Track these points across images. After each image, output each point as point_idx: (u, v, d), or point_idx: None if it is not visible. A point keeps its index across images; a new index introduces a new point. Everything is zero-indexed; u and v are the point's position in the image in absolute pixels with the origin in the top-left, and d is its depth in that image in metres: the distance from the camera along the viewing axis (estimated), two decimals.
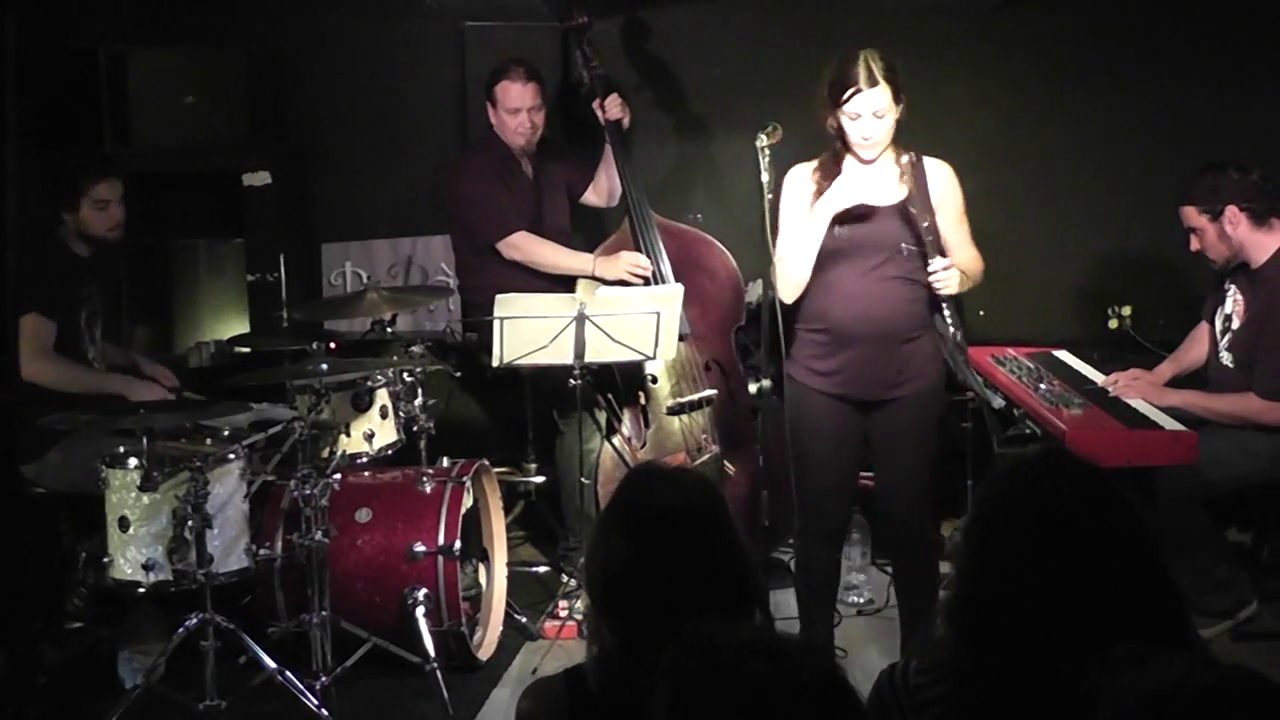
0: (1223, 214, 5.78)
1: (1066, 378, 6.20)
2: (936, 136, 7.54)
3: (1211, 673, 2.01)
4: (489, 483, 6.16)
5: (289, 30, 7.79)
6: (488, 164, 6.72)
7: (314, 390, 5.43)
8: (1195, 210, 5.87)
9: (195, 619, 5.10)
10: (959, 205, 5.31)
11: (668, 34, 7.70)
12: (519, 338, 5.82)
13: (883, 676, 2.76)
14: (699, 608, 2.60)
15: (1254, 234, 5.79)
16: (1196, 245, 5.92)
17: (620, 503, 2.94)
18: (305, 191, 7.89)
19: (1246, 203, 5.76)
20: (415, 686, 5.52)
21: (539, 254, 6.63)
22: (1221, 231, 5.81)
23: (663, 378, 6.53)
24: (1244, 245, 5.81)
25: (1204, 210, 5.84)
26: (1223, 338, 5.97)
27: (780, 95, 7.20)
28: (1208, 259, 5.94)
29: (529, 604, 6.37)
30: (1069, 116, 7.62)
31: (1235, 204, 5.76)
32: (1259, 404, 5.71)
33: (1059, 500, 2.59)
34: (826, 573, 5.47)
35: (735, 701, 2.07)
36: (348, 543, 5.61)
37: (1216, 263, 5.94)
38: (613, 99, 6.72)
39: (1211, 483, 5.64)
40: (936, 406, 5.41)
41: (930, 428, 5.36)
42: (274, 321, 6.92)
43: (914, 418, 5.26)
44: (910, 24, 7.53)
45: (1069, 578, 2.52)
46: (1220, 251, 5.87)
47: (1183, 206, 5.91)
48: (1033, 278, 7.69)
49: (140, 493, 4.98)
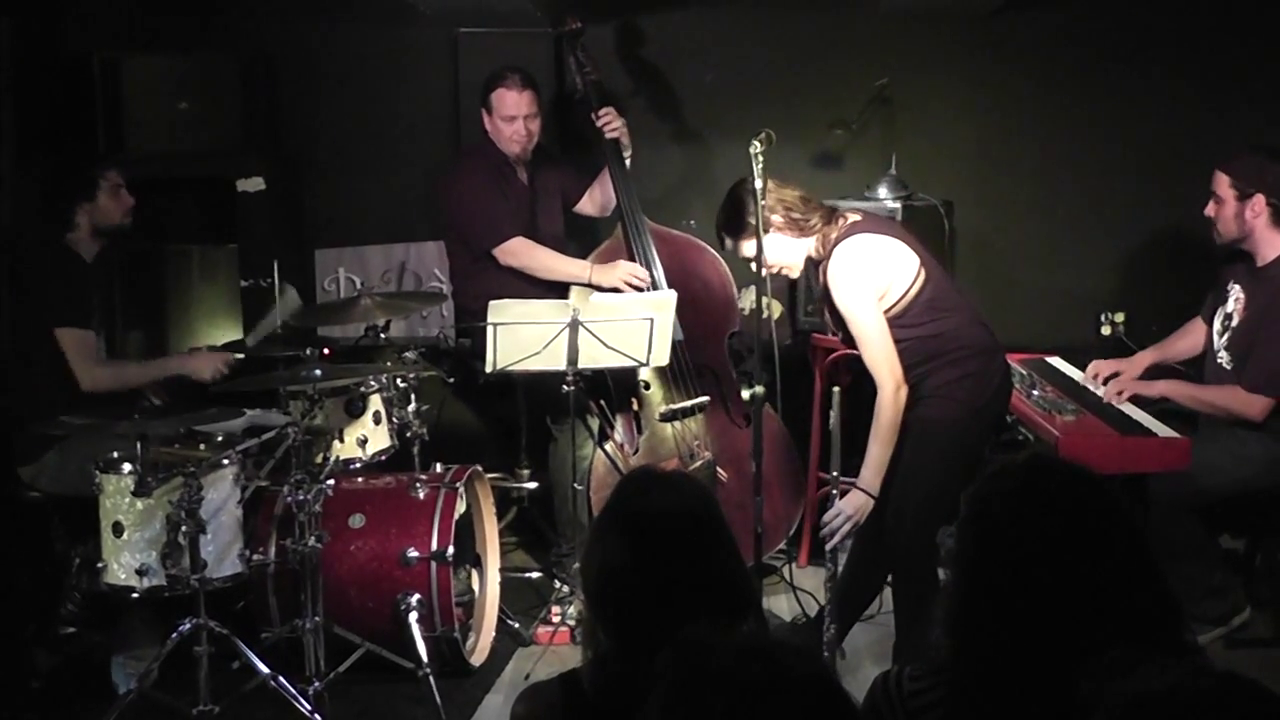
0: (1251, 198, 5.77)
1: (1059, 384, 6.20)
2: (929, 143, 7.60)
3: (1205, 679, 2.01)
4: (482, 488, 6.16)
5: (283, 37, 7.80)
6: (483, 171, 6.73)
7: (307, 396, 5.44)
8: (1229, 181, 5.83)
9: (189, 624, 5.09)
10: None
11: (661, 40, 7.71)
12: (512, 344, 5.82)
13: (877, 682, 2.76)
14: (694, 612, 2.61)
15: (1270, 230, 5.79)
16: (1212, 211, 5.89)
17: (618, 505, 2.94)
18: (299, 197, 7.90)
19: (1277, 199, 5.76)
20: (408, 692, 5.52)
21: (535, 260, 6.64)
22: (1241, 212, 5.80)
23: (655, 384, 6.53)
24: (1255, 236, 5.80)
25: (1236, 185, 5.81)
26: (1221, 337, 5.96)
27: (774, 102, 7.24)
28: (1214, 230, 5.92)
29: (522, 609, 6.37)
30: (1062, 123, 7.64)
31: (1266, 195, 5.75)
32: (1244, 395, 5.71)
33: (1050, 503, 2.59)
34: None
35: (729, 705, 2.08)
36: (341, 548, 5.61)
37: (1222, 236, 5.91)
38: (608, 115, 6.73)
39: (1204, 489, 5.64)
40: (939, 436, 5.28)
41: (927, 455, 5.26)
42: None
43: (913, 444, 5.24)
44: (903, 30, 7.55)
45: (1061, 581, 2.52)
46: (1230, 229, 5.86)
47: (1218, 171, 5.88)
48: (1026, 284, 7.71)
49: (134, 498, 4.97)
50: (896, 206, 6.90)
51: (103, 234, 6.11)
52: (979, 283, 7.59)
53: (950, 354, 5.26)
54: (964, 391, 5.24)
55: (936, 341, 5.26)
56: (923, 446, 5.24)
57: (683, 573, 2.78)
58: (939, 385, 5.25)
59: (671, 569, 2.78)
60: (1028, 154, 7.68)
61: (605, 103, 6.79)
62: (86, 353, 5.86)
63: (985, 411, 5.33)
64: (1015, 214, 7.72)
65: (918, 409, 5.24)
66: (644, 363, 5.95)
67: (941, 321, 5.28)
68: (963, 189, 7.49)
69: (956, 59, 7.66)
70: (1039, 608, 2.53)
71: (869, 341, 5.19)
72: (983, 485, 2.74)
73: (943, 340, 5.26)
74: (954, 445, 5.25)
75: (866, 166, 7.43)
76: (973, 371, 5.27)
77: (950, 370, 5.25)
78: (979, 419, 5.32)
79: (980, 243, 7.63)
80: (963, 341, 5.29)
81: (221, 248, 7.64)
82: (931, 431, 5.24)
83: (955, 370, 5.25)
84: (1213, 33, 7.49)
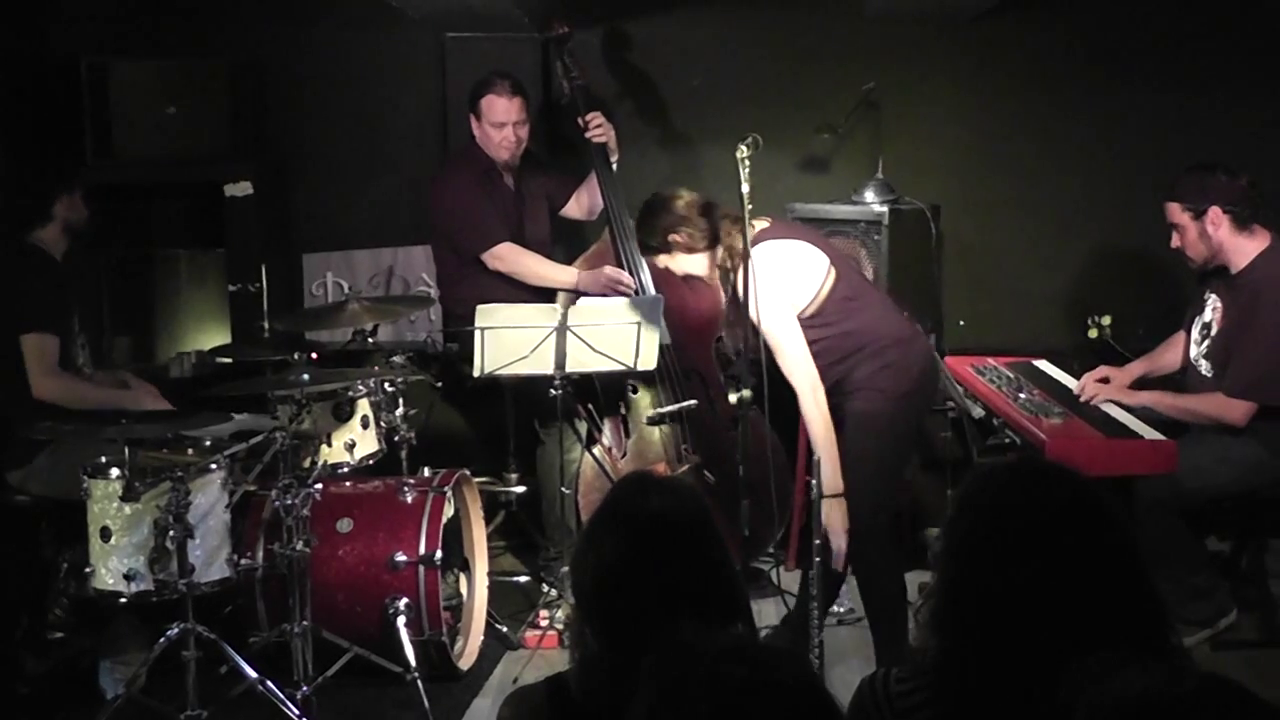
0: (1206, 214, 5.79)
1: (1046, 387, 6.22)
2: (916, 147, 7.61)
3: (1189, 681, 2.01)
4: (470, 492, 6.16)
5: (270, 41, 7.80)
6: (470, 176, 6.73)
7: (295, 400, 5.43)
8: (1179, 207, 5.87)
9: (176, 629, 5.09)
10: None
11: (648, 44, 7.72)
12: (500, 348, 5.83)
13: (863, 684, 2.76)
14: (685, 615, 2.61)
15: (1235, 238, 5.81)
16: (1177, 242, 5.93)
17: (613, 507, 2.94)
18: (286, 202, 7.90)
19: (1230, 205, 5.77)
20: (396, 696, 5.52)
21: (523, 265, 6.65)
22: (1203, 231, 5.82)
23: (643, 388, 6.54)
24: (1223, 247, 5.82)
25: (1188, 208, 5.84)
26: (1200, 345, 5.98)
27: (760, 106, 7.25)
28: (1186, 257, 5.96)
29: (510, 613, 6.37)
30: (1048, 126, 7.65)
31: (1219, 205, 5.77)
32: (1225, 401, 5.73)
33: (1037, 505, 2.60)
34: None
35: (714, 707, 2.08)
36: (329, 552, 5.60)
37: (1195, 261, 5.95)
38: (596, 120, 6.73)
39: (1190, 491, 5.65)
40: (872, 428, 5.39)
41: (864, 447, 5.37)
42: (255, 332, 6.91)
43: (850, 438, 5.37)
44: (889, 34, 7.56)
45: (1047, 583, 2.52)
46: (1199, 251, 5.88)
47: (1168, 202, 5.92)
48: (1013, 287, 7.72)
49: (122, 503, 4.97)
50: (883, 211, 6.91)
51: (73, 232, 6.10)
52: (966, 286, 7.62)
53: (869, 347, 5.40)
54: (887, 381, 5.38)
55: (855, 337, 5.41)
56: (859, 439, 5.37)
57: (677, 575, 2.78)
58: (863, 378, 5.39)
59: (666, 572, 2.78)
60: (1014, 157, 7.69)
61: (592, 108, 6.79)
62: (45, 361, 5.81)
63: (914, 396, 5.48)
64: (1002, 217, 7.73)
65: (847, 404, 5.41)
66: (631, 366, 5.96)
67: (857, 317, 5.44)
68: (949, 193, 7.50)
69: (943, 63, 7.68)
70: (1026, 609, 2.53)
71: (784, 348, 5.34)
72: (970, 487, 2.74)
73: (860, 335, 5.42)
74: (888, 432, 5.41)
75: (853, 171, 7.45)
76: (893, 361, 5.40)
77: (872, 362, 5.40)
78: (908, 405, 5.46)
79: (967, 246, 7.64)
80: (879, 333, 5.44)
81: (209, 252, 7.65)
82: (864, 425, 5.38)
83: (876, 361, 5.39)
84: (1197, 36, 7.51)
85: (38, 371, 5.79)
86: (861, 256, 6.93)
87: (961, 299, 7.62)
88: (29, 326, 5.79)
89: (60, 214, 6.02)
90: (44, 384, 5.80)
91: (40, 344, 5.81)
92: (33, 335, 5.80)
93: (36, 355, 5.80)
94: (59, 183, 6.04)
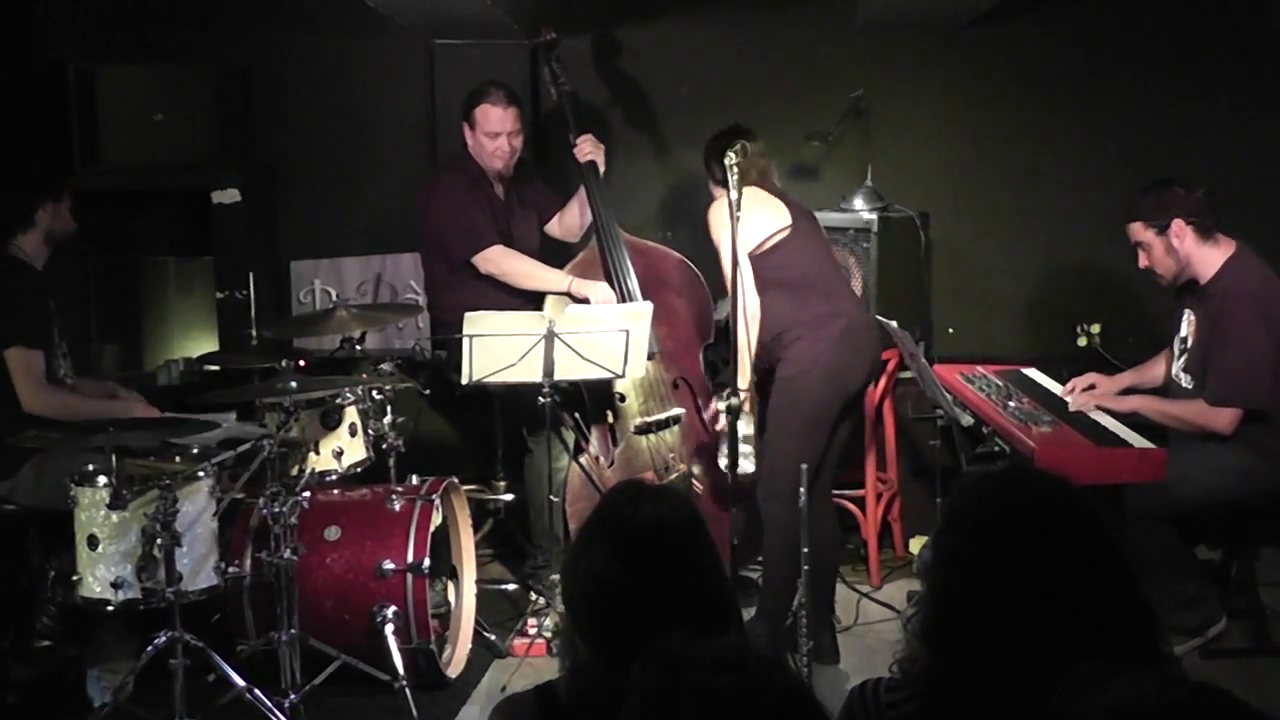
0: (1169, 228, 5.81)
1: (1036, 395, 6.21)
2: (905, 155, 7.62)
3: (1179, 690, 2.01)
4: (458, 500, 6.15)
5: (258, 48, 7.80)
6: (460, 182, 6.71)
7: (283, 408, 5.42)
8: (1142, 225, 5.89)
9: (164, 637, 5.07)
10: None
11: (637, 51, 7.73)
12: (488, 355, 5.82)
13: (853, 693, 2.76)
14: (676, 624, 2.60)
15: (1200, 248, 5.82)
16: (1145, 261, 5.95)
17: (605, 515, 2.93)
18: (274, 209, 7.90)
19: (1192, 217, 5.79)
20: (384, 704, 5.50)
21: (515, 268, 6.62)
22: (1168, 245, 5.83)
23: (631, 396, 6.53)
24: (1190, 260, 5.84)
25: (1150, 225, 5.86)
26: (1179, 359, 5.99)
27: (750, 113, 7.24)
28: (1156, 275, 5.96)
29: (498, 621, 6.36)
30: (1037, 134, 7.67)
31: (1181, 218, 5.79)
32: (1208, 410, 5.74)
33: (1027, 514, 2.59)
34: None
35: (703, 716, 2.07)
36: (316, 560, 5.59)
37: (1164, 278, 5.96)
38: (585, 140, 6.72)
39: (1180, 500, 5.65)
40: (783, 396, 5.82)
41: (784, 409, 5.81)
42: (243, 339, 6.90)
43: (774, 400, 5.86)
44: (878, 42, 7.58)
45: (1038, 592, 2.52)
46: (1167, 266, 5.89)
47: (1130, 223, 5.94)
48: (1002, 295, 7.74)
49: (109, 511, 4.95)
50: (873, 218, 6.91)
51: (56, 242, 6.08)
52: (955, 294, 7.62)
53: (806, 322, 5.79)
54: (821, 353, 5.77)
55: (793, 308, 5.80)
56: (780, 400, 5.82)
57: (669, 583, 2.78)
58: (797, 349, 5.79)
59: (658, 579, 2.78)
60: (1003, 165, 7.71)
61: (580, 114, 6.78)
62: (33, 376, 5.79)
63: (840, 373, 5.82)
64: (991, 225, 7.74)
65: (777, 370, 5.85)
66: (620, 374, 5.96)
67: (803, 291, 5.85)
68: (938, 200, 7.51)
69: (932, 71, 7.69)
70: (1016, 618, 2.52)
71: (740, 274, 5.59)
72: (959, 496, 2.74)
73: (798, 308, 5.81)
74: (805, 396, 5.78)
75: (842, 178, 7.46)
76: (827, 336, 5.79)
77: (807, 335, 5.79)
78: (831, 380, 5.80)
79: (956, 254, 7.64)
80: (817, 309, 5.82)
81: (197, 260, 7.64)
82: (786, 388, 5.81)
83: (810, 334, 5.79)
84: (1185, 45, 7.53)
85: (26, 387, 5.76)
86: (851, 264, 6.94)
87: (951, 306, 7.62)
88: (12, 340, 5.76)
89: (44, 222, 5.99)
90: (34, 399, 5.77)
91: (25, 359, 5.78)
92: (16, 350, 5.77)
93: (23, 370, 5.77)
94: (44, 189, 6.01)
